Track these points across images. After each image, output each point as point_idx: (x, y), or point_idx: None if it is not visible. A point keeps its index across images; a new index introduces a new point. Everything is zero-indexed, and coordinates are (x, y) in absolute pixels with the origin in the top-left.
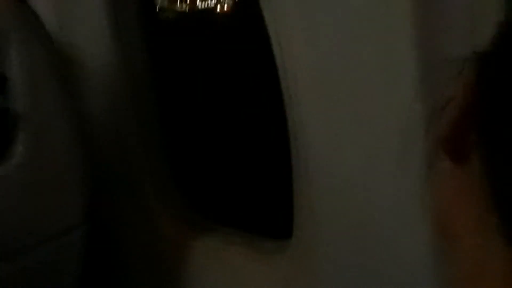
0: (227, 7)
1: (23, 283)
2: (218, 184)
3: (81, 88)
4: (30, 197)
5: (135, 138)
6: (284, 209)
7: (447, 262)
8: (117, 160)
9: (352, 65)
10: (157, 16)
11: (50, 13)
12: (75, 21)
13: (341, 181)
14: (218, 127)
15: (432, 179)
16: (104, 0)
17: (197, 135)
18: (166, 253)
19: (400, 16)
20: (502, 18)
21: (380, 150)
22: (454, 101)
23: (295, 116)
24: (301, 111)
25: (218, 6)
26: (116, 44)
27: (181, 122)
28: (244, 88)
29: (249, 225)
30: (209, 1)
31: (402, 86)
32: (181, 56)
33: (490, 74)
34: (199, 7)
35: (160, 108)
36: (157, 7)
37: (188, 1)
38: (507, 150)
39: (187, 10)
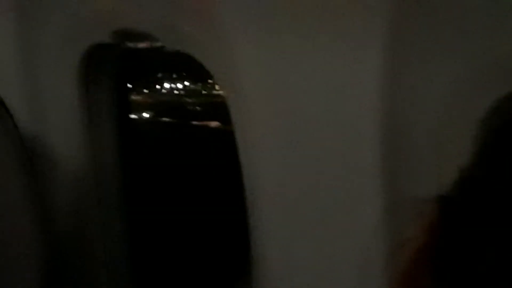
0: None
1: None
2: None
3: (48, 177)
4: None
5: (96, 229)
6: None
7: None
8: (76, 251)
9: (317, 197)
10: (129, 111)
11: (21, 105)
12: (47, 112)
13: None
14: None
15: None
16: (77, 96)
17: (161, 227)
18: None
19: (366, 153)
20: (465, 163)
21: (338, 284)
22: (413, 241)
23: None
24: (265, 239)
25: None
26: (85, 138)
27: (145, 221)
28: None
29: None
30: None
31: (363, 222)
32: (149, 150)
33: (450, 217)
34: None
35: (125, 201)
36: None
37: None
38: None
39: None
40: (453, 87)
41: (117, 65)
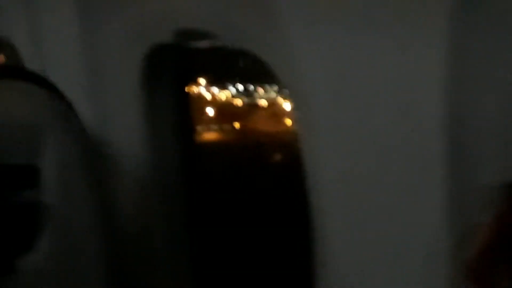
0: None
1: None
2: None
3: (111, 179)
4: None
5: (159, 229)
6: None
7: None
8: (141, 252)
9: (381, 187)
10: (191, 114)
11: (86, 105)
12: (111, 114)
13: None
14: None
15: None
16: (140, 96)
17: (223, 235)
18: None
19: (431, 142)
20: None
21: (405, 275)
22: (482, 229)
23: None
24: (328, 233)
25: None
26: (149, 138)
27: (208, 223)
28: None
29: None
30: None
31: (430, 212)
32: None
33: None
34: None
35: (187, 203)
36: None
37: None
38: None
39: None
40: None
41: (179, 64)
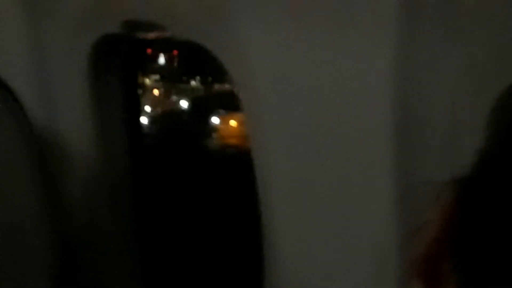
0: None
1: None
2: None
3: (59, 173)
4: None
5: (108, 226)
6: None
7: None
8: (89, 245)
9: (329, 185)
10: (140, 112)
11: (32, 99)
12: (58, 107)
13: None
14: (193, 228)
15: None
16: (87, 89)
17: (172, 231)
18: None
19: (378, 139)
20: (482, 145)
21: (353, 272)
22: (429, 225)
23: (271, 235)
24: (276, 231)
25: None
26: (97, 133)
27: (156, 220)
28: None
29: None
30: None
31: (377, 207)
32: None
33: (468, 200)
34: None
35: (136, 199)
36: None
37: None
38: (483, 277)
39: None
40: (465, 72)
41: (128, 55)
